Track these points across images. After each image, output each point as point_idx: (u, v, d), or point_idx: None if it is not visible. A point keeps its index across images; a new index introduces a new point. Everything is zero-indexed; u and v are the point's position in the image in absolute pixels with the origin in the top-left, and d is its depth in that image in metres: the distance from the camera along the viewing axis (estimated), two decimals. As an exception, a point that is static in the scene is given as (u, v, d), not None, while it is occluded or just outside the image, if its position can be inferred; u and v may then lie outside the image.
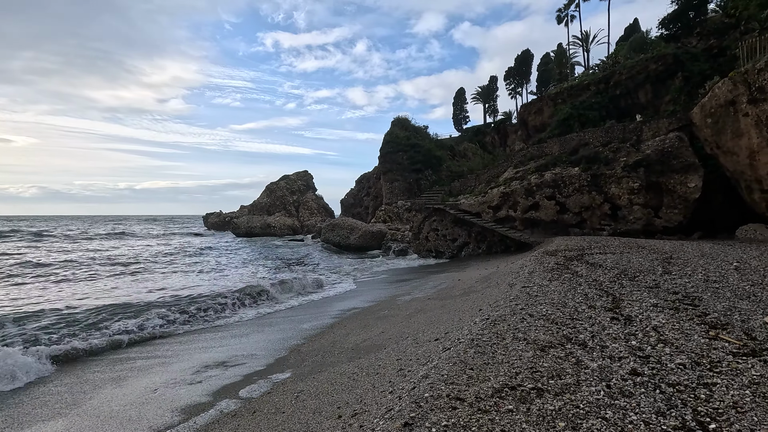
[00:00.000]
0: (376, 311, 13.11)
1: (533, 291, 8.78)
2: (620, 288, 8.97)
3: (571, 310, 6.99)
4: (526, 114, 45.01)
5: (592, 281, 9.82)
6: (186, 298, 16.01)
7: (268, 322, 13.30)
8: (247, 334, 11.76)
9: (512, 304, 7.68)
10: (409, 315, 11.40)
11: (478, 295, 11.79)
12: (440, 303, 12.30)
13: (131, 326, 12.04)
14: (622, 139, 25.20)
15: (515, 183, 27.23)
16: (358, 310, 13.95)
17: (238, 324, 13.25)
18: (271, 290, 16.75)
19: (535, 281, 10.04)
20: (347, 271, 26.08)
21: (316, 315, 13.83)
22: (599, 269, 11.67)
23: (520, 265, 14.86)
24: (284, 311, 14.95)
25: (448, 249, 30.32)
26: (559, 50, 64.95)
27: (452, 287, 15.38)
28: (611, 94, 33.62)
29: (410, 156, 50.04)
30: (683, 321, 6.26)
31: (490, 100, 75.29)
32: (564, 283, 9.66)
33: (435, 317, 10.02)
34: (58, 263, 27.92)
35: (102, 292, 17.93)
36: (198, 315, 13.72)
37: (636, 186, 22.79)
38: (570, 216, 24.94)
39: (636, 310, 7.02)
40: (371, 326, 10.87)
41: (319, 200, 70.83)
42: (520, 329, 5.90)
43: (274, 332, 11.75)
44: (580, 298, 7.95)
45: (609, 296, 8.17)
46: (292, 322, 13.03)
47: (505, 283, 11.73)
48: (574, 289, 8.95)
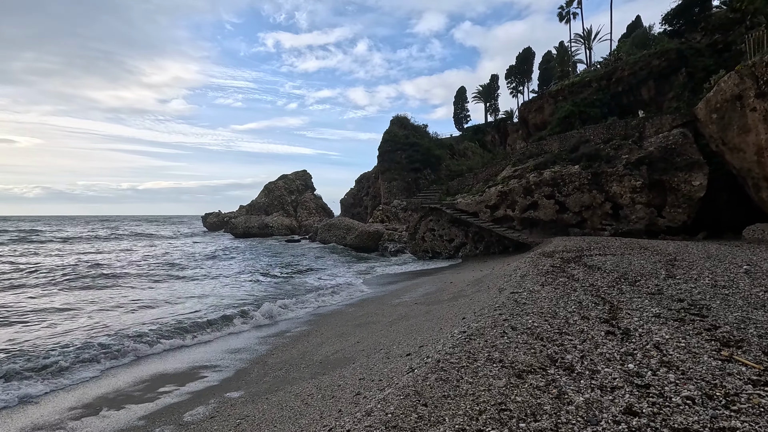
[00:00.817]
0: (359, 317, 12.25)
1: (522, 298, 7.89)
2: (619, 294, 8.07)
3: (561, 322, 6.11)
4: (527, 112, 44.03)
5: (588, 286, 8.92)
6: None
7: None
8: (212, 341, 10.93)
9: (496, 313, 6.80)
10: (391, 322, 10.53)
11: (467, 300, 10.91)
12: (426, 309, 11.43)
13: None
14: (624, 135, 24.24)
15: (513, 182, 26.31)
16: (339, 315, 13.08)
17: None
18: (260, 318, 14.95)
19: (526, 286, 9.14)
20: (341, 274, 25.20)
21: (294, 321, 12.97)
22: (597, 272, 10.76)
23: (514, 268, 13.97)
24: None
25: (445, 249, 29.42)
26: (560, 48, 63.84)
27: (442, 290, 14.50)
28: (613, 90, 32.64)
29: (409, 155, 49.15)
30: (690, 336, 5.37)
31: (491, 99, 74.27)
32: (557, 288, 8.76)
33: (416, 325, 9.14)
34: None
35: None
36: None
37: (638, 184, 21.84)
38: (570, 215, 24.00)
39: (635, 321, 6.13)
40: (348, 335, 10.00)
41: (317, 200, 69.99)
42: (497, 347, 5.02)
43: (240, 341, 10.90)
44: (573, 307, 7.06)
45: (606, 304, 7.27)
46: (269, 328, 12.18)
47: (495, 287, 10.84)
48: (568, 295, 8.06)
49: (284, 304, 14.68)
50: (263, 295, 17.11)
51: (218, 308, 14.01)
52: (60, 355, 8.99)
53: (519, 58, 68.23)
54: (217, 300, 15.70)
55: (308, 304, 15.49)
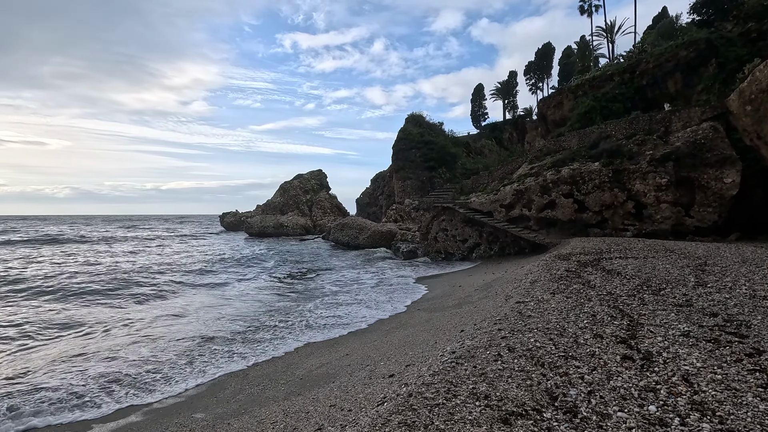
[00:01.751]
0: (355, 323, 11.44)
1: (528, 308, 6.96)
2: (640, 306, 7.05)
3: (569, 341, 5.17)
4: (545, 108, 42.57)
5: (605, 295, 7.90)
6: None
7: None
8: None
9: (495, 328, 5.90)
10: (388, 331, 9.69)
11: (471, 308, 9.98)
12: (427, 316, 10.55)
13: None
14: (648, 130, 22.80)
15: (530, 180, 25.11)
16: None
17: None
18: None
19: (534, 294, 8.18)
20: (351, 276, 24.43)
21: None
22: (617, 278, 9.70)
23: (526, 272, 12.96)
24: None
25: (458, 250, 28.37)
26: (581, 42, 61.69)
27: (449, 295, 13.58)
28: (637, 84, 30.98)
29: (423, 153, 48.09)
30: (727, 364, 4.38)
31: (510, 96, 72.52)
32: (570, 297, 7.78)
33: (412, 337, 8.29)
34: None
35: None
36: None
37: (664, 182, 20.44)
38: (589, 215, 22.70)
39: (659, 342, 5.14)
40: (339, 344, 9.21)
41: (332, 199, 69.49)
42: (487, 375, 4.13)
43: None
44: (586, 321, 6.09)
45: (624, 318, 6.28)
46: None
47: (503, 294, 9.89)
48: (581, 306, 7.08)
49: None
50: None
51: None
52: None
53: (538, 53, 66.42)
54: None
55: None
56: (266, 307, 14.76)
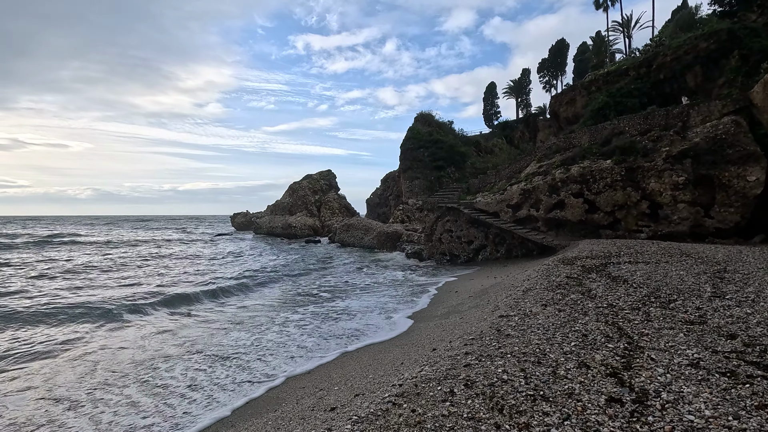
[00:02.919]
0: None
1: (510, 325, 5.94)
2: (644, 322, 5.97)
3: (546, 373, 4.15)
4: (558, 105, 41.12)
5: (605, 308, 6.82)
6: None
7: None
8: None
9: (463, 351, 4.92)
10: (362, 346, 8.73)
11: (457, 319, 8.97)
12: (411, 327, 9.57)
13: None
14: (664, 126, 21.40)
15: (537, 179, 23.88)
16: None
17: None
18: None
19: (523, 306, 7.14)
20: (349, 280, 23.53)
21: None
22: (622, 287, 8.58)
23: (525, 277, 11.87)
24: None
25: (464, 252, 27.26)
26: (597, 38, 59.90)
27: (440, 303, 12.56)
28: (654, 78, 29.45)
29: (432, 152, 46.98)
30: (747, 412, 3.32)
31: (523, 95, 70.98)
32: (563, 310, 6.72)
33: (383, 354, 7.36)
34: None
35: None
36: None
37: (681, 180, 19.06)
38: (601, 216, 21.39)
39: (660, 374, 4.09)
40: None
41: (341, 200, 68.66)
42: (423, 425, 3.15)
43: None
44: (574, 343, 5.06)
45: (622, 339, 5.22)
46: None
47: (492, 304, 8.86)
48: (573, 321, 6.03)
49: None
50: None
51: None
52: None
53: (552, 50, 64.81)
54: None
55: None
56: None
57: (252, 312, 14.00)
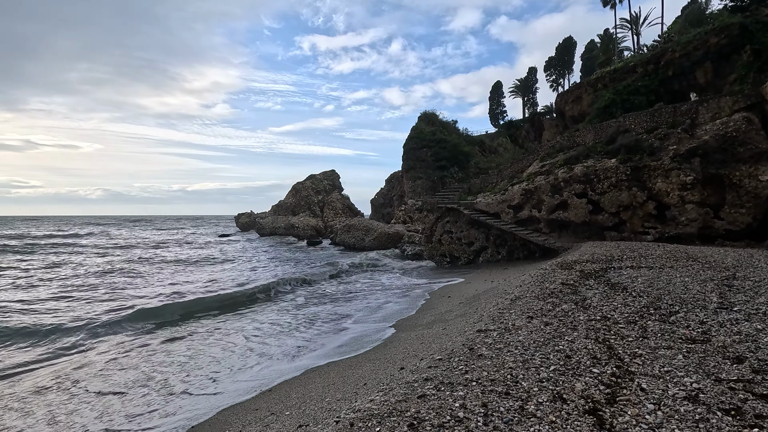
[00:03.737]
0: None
1: (486, 342, 5.27)
2: (639, 339, 5.27)
3: (510, 409, 3.47)
4: (563, 103, 40.23)
5: (597, 321, 6.13)
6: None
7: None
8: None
9: (423, 376, 4.27)
10: (336, 361, 8.09)
11: (439, 329, 8.31)
12: (391, 338, 8.91)
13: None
14: (672, 123, 20.54)
15: (540, 178, 23.09)
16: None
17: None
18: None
19: (507, 319, 6.47)
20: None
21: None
22: (620, 295, 7.86)
23: (520, 282, 11.16)
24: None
25: (464, 254, 26.52)
26: (605, 36, 58.72)
27: (430, 309, 11.89)
28: (662, 75, 28.50)
29: (435, 152, 46.26)
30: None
31: (529, 94, 69.89)
32: (550, 323, 6.03)
33: (350, 370, 6.75)
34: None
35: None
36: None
37: (689, 180, 18.20)
38: (605, 217, 20.57)
39: (648, 412, 3.40)
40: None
41: (344, 200, 68.13)
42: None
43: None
44: (554, 367, 4.37)
45: (611, 361, 4.53)
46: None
47: (478, 313, 8.19)
48: (559, 338, 5.34)
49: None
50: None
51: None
52: None
53: (559, 48, 63.72)
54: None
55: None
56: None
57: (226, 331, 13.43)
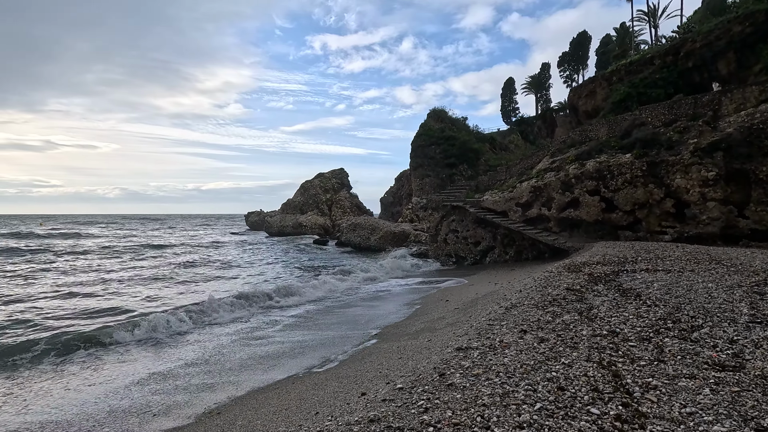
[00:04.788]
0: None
1: (464, 365, 4.30)
2: (654, 363, 4.24)
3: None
4: (576, 98, 38.76)
5: (603, 337, 5.10)
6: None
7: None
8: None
9: (371, 415, 3.35)
10: (304, 376, 7.18)
11: (425, 340, 7.35)
12: (371, 349, 7.97)
13: None
14: (692, 115, 19.22)
15: (550, 175, 21.90)
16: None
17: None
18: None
19: (497, 332, 5.48)
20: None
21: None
22: (632, 304, 6.79)
23: (521, 287, 10.12)
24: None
25: (470, 254, 25.43)
26: (621, 29, 56.87)
27: (422, 314, 10.92)
28: (681, 67, 27.02)
29: (444, 149, 45.07)
30: None
31: (542, 90, 68.23)
32: (545, 341, 5.02)
33: (311, 392, 5.81)
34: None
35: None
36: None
37: (711, 176, 16.90)
38: (619, 215, 19.34)
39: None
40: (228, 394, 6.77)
41: (352, 198, 67.28)
42: None
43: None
44: (540, 404, 3.38)
45: (616, 395, 3.52)
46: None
47: (467, 323, 7.20)
48: (554, 360, 4.34)
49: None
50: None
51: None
52: None
53: (573, 43, 61.95)
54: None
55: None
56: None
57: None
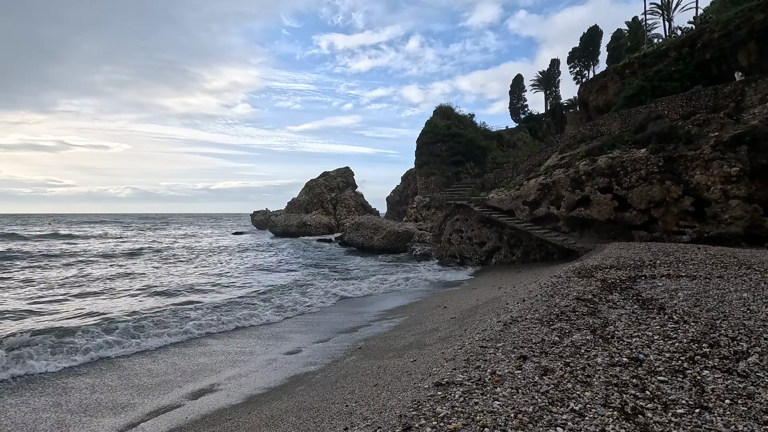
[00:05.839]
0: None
1: (440, 410, 3.30)
2: (695, 411, 3.20)
3: None
4: (587, 93, 37.43)
5: (624, 365, 4.04)
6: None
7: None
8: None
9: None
10: (265, 400, 6.19)
11: (410, 359, 6.32)
12: (349, 369, 6.96)
13: None
14: (712, 107, 17.95)
15: (558, 172, 20.73)
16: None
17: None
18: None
19: (493, 357, 4.44)
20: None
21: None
22: (656, 319, 5.71)
23: (526, 294, 9.05)
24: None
25: (475, 254, 24.30)
26: (633, 24, 55.22)
27: (415, 324, 9.87)
28: (698, 59, 25.64)
29: (450, 147, 43.95)
30: None
31: (552, 87, 66.83)
32: (551, 370, 3.97)
33: (262, 429, 4.77)
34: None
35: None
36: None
37: (734, 171, 15.65)
38: (633, 214, 18.13)
39: None
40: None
41: (358, 197, 66.33)
42: None
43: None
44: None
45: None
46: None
47: (459, 341, 6.15)
48: (560, 403, 3.31)
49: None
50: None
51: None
52: None
53: (583, 38, 60.40)
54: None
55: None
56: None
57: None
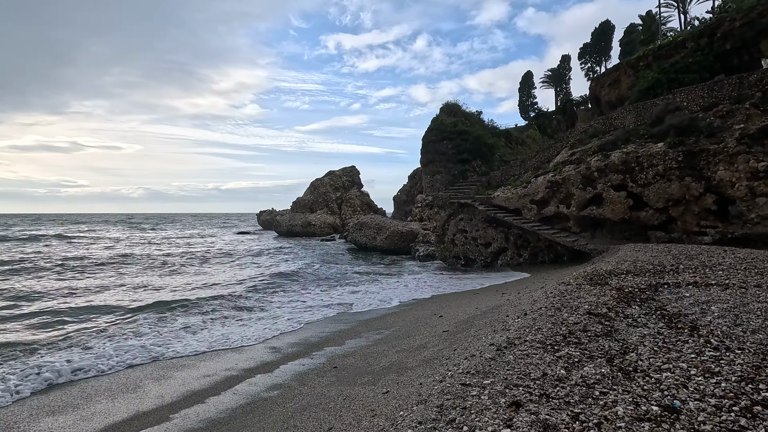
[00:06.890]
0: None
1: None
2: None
3: None
4: (599, 88, 36.04)
5: (656, 422, 2.90)
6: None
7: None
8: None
9: None
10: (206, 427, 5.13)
11: (382, 390, 5.22)
12: (311, 400, 5.87)
13: None
14: (737, 97, 16.59)
15: (569, 168, 19.46)
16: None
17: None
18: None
19: (478, 402, 3.35)
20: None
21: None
22: (689, 342, 4.56)
23: (529, 306, 7.91)
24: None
25: (480, 256, 23.08)
26: (647, 17, 53.40)
27: (400, 339, 8.74)
28: (718, 49, 24.19)
29: (456, 144, 42.69)
30: None
31: (562, 84, 65.10)
32: (552, 429, 2.84)
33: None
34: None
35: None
36: None
37: (762, 167, 14.30)
38: (649, 213, 16.83)
39: None
40: None
41: (363, 197, 65.29)
42: None
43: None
44: None
45: None
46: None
47: (444, 367, 5.04)
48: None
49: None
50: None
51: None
52: None
53: (595, 33, 58.67)
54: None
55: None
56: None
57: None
